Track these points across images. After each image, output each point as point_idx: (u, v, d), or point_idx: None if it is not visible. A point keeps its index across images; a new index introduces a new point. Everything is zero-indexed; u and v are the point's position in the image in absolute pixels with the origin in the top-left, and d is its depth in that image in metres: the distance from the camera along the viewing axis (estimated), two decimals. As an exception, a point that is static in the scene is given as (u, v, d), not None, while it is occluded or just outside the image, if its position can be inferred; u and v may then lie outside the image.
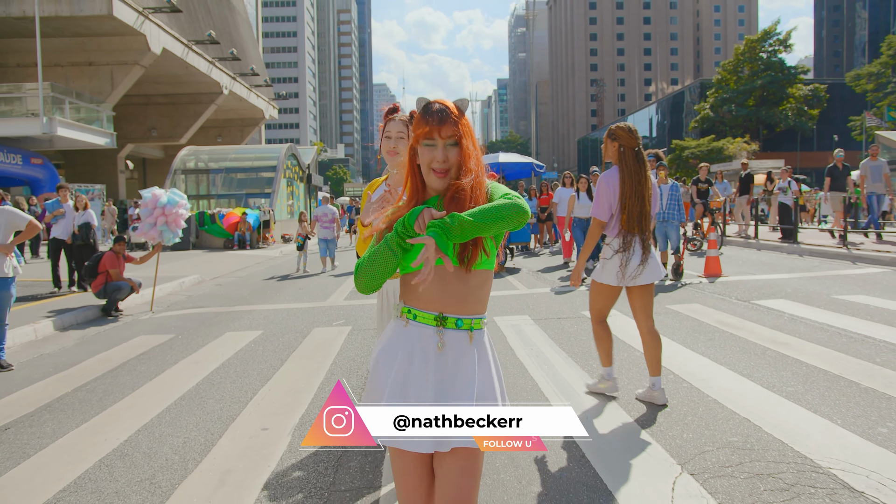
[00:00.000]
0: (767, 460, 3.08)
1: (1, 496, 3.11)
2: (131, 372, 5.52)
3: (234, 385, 4.93)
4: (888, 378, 4.30)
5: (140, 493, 3.07)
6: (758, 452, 3.18)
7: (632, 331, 6.05)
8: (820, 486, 2.79)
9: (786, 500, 2.67)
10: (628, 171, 3.88)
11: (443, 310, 1.75)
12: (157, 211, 9.50)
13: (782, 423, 3.55)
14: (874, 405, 3.81)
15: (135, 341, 6.90)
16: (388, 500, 2.89)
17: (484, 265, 1.77)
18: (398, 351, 1.75)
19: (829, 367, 4.64)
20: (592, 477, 3.01)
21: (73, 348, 6.73)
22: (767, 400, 3.97)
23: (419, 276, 1.55)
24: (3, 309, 5.91)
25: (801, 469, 2.97)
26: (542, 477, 3.04)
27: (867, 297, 7.41)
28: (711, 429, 3.53)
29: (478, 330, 1.78)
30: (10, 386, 5.23)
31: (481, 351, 1.78)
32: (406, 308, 1.79)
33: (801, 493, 2.73)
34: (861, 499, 2.66)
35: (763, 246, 13.85)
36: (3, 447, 3.79)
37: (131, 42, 29.03)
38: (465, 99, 1.79)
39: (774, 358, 4.96)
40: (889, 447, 3.18)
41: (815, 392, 4.09)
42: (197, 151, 29.07)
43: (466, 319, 1.76)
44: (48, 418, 4.31)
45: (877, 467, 2.95)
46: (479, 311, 1.80)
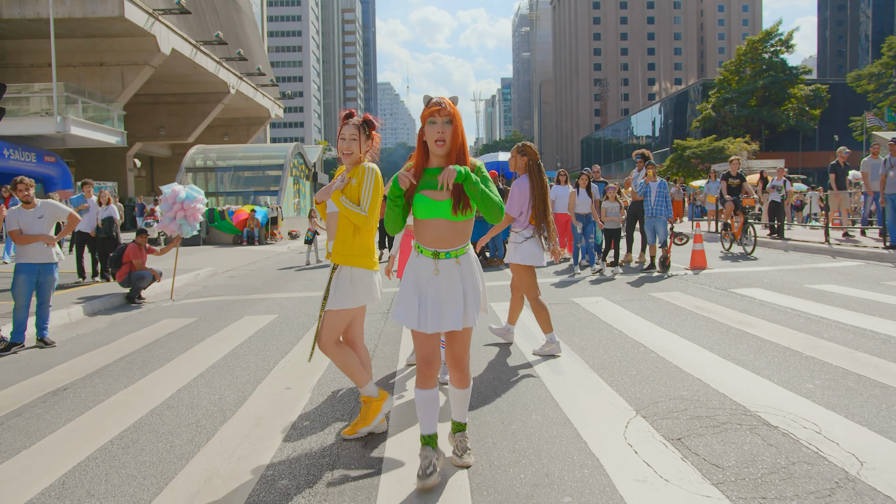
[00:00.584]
0: (708, 407, 3.71)
1: (76, 434, 3.76)
2: (163, 347, 6.17)
3: (257, 357, 5.58)
4: (828, 349, 4.92)
5: (189, 432, 3.72)
6: (701, 402, 3.81)
7: (613, 314, 6.71)
8: (745, 423, 3.42)
9: (716, 433, 3.30)
10: (536, 180, 5.05)
11: (437, 247, 2.80)
12: (176, 205, 10.14)
13: (728, 382, 4.18)
14: (808, 368, 4.43)
15: (161, 324, 7.55)
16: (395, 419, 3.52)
17: (467, 216, 2.79)
18: (411, 271, 2.88)
19: (780, 341, 5.26)
20: (562, 419, 3.64)
21: (105, 329, 7.39)
22: (721, 366, 4.59)
23: (441, 180, 2.62)
24: (48, 291, 6.58)
25: (733, 412, 3.60)
26: (520, 418, 3.68)
27: (834, 286, 8.02)
28: (667, 386, 4.16)
29: (462, 255, 2.83)
30: (57, 358, 5.89)
31: (465, 267, 2.84)
32: (417, 245, 2.86)
33: (728, 428, 3.36)
34: (774, 431, 3.29)
35: (752, 242, 14.44)
36: (67, 402, 4.45)
37: (141, 43, 29.71)
38: (456, 96, 2.81)
39: (735, 335, 5.59)
40: (810, 398, 3.81)
41: (762, 360, 4.71)
42: (205, 150, 29.74)
43: (453, 251, 2.81)
44: (98, 381, 4.96)
45: (795, 411, 3.58)
46: (463, 243, 2.84)
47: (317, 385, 4.60)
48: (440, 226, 2.77)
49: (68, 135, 25.48)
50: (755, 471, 2.84)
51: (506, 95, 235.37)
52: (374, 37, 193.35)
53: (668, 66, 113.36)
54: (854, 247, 11.47)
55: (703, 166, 49.22)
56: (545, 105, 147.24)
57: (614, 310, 7.04)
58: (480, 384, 4.42)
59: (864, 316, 6.13)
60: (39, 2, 26.36)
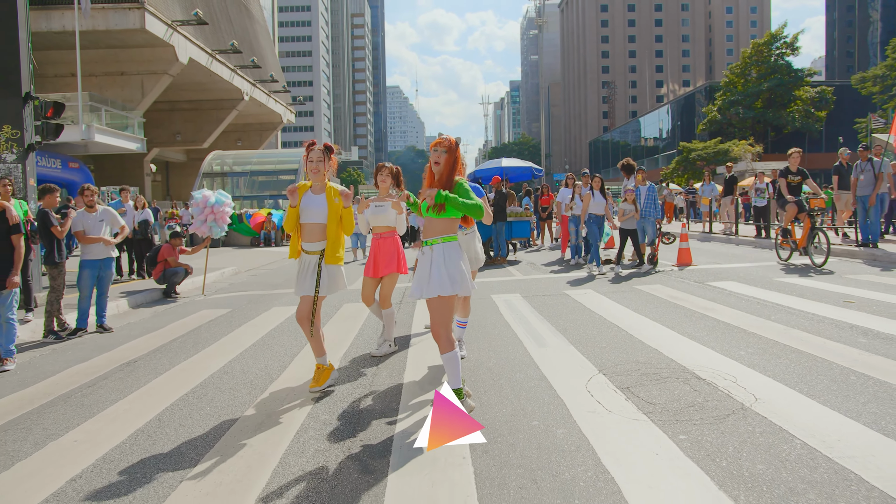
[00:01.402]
0: (656, 367, 4.66)
1: (157, 390, 4.77)
2: (207, 331, 7.19)
3: (290, 338, 6.58)
4: (769, 327, 5.86)
5: (245, 389, 4.72)
6: (652, 365, 4.76)
7: (597, 302, 7.67)
8: (681, 377, 4.37)
9: (656, 383, 4.25)
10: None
11: (428, 238, 3.80)
12: (207, 209, 11.17)
13: (677, 351, 5.13)
14: (748, 341, 5.37)
15: (200, 314, 8.58)
16: (408, 390, 4.49)
17: (449, 214, 3.77)
18: (419, 257, 3.98)
19: (733, 321, 6.20)
20: (540, 376, 4.60)
21: (151, 318, 8.42)
22: (676, 340, 5.54)
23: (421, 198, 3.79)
24: (107, 283, 7.62)
25: (674, 370, 4.55)
26: (506, 376, 4.64)
27: (798, 279, 8.93)
28: (628, 354, 5.12)
29: (447, 242, 3.78)
30: (119, 340, 6.92)
31: (448, 252, 3.79)
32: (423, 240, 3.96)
33: (667, 380, 4.31)
34: (701, 382, 4.24)
35: (741, 241, 15.36)
36: (141, 370, 5.46)
37: (161, 53, 30.92)
38: (459, 137, 3.91)
39: (698, 318, 6.53)
40: (738, 360, 4.76)
41: (713, 336, 5.66)
42: (222, 156, 30.89)
43: (436, 239, 3.80)
44: (160, 356, 5.98)
45: (723, 369, 4.53)
46: (448, 233, 3.82)
47: (342, 358, 5.59)
48: (430, 223, 3.92)
49: (91, 142, 26.67)
50: (677, 405, 3.80)
51: (514, 98, 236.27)
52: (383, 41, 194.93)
53: (676, 68, 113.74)
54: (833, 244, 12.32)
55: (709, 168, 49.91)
56: (554, 107, 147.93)
57: (599, 299, 7.99)
58: (478, 353, 5.38)
59: (812, 303, 7.04)
60: (65, 15, 27.63)
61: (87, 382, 5.12)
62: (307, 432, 3.71)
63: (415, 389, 4.50)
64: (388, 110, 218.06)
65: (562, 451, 3.22)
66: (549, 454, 3.20)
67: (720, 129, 58.34)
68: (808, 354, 4.85)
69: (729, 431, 3.36)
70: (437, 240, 3.84)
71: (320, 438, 3.60)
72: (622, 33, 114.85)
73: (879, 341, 5.16)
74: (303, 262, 4.67)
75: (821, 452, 3.04)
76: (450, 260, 3.81)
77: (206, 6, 36.17)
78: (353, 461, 3.24)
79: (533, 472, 3.01)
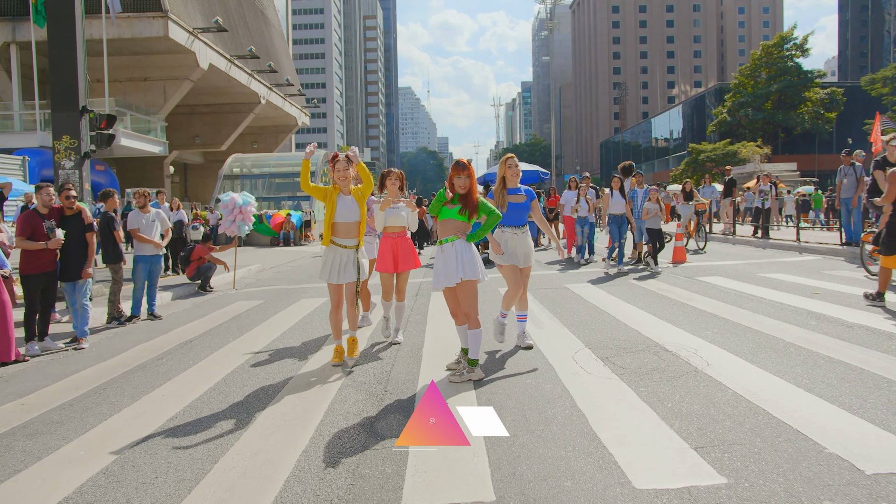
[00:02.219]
0: (633, 343, 5.57)
1: (216, 362, 5.74)
2: (247, 319, 8.16)
3: (323, 322, 7.54)
4: (739, 313, 6.74)
5: (291, 358, 5.67)
6: (631, 341, 5.67)
7: (593, 294, 8.54)
8: (652, 350, 5.28)
9: (631, 354, 5.16)
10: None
11: (446, 236, 4.66)
12: (235, 210, 12.18)
13: (655, 331, 6.03)
14: (715, 323, 6.26)
15: (236, 304, 9.56)
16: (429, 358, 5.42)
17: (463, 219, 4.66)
18: (438, 254, 4.71)
19: (708, 308, 7.09)
20: (535, 350, 5.52)
21: (193, 309, 9.42)
22: (654, 323, 6.44)
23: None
24: (156, 276, 8.63)
25: (648, 346, 5.45)
26: (510, 351, 5.56)
27: (781, 275, 9.78)
28: (612, 334, 6.02)
29: (458, 240, 4.63)
30: (170, 325, 7.91)
31: (466, 247, 4.65)
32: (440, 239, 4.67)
33: (640, 352, 5.22)
34: (668, 353, 5.15)
35: (738, 241, 16.19)
36: (198, 348, 6.44)
37: (182, 59, 32.09)
38: (471, 159, 4.92)
39: (678, 306, 7.42)
40: (703, 338, 5.65)
41: (688, 320, 6.54)
42: (241, 159, 32.00)
43: (454, 237, 4.63)
44: (211, 338, 6.95)
45: (688, 344, 5.42)
46: (461, 233, 4.65)
47: (369, 337, 6.54)
48: (453, 225, 4.77)
49: (117, 145, 27.84)
50: (644, 369, 4.71)
51: (526, 99, 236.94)
52: (395, 42, 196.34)
53: (687, 69, 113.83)
54: (819, 244, 13.17)
55: (718, 170, 50.43)
56: (565, 108, 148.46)
57: (595, 292, 8.89)
58: (486, 335, 6.30)
59: (782, 293, 7.91)
60: (93, 24, 28.79)
61: (156, 357, 6.10)
62: (347, 388, 4.65)
63: (431, 360, 5.42)
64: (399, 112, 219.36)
65: (547, 399, 4.14)
66: (537, 401, 4.12)
67: (730, 130, 58.77)
68: (762, 333, 5.74)
69: (680, 386, 4.27)
70: (454, 237, 4.70)
71: (358, 392, 4.53)
72: (633, 34, 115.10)
73: (827, 323, 6.04)
74: (336, 254, 5.46)
75: (745, 398, 3.95)
76: (468, 252, 4.68)
77: (225, 13, 37.34)
78: (385, 405, 4.17)
79: (524, 412, 3.93)
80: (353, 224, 5.47)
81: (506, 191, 5.54)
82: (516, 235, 5.57)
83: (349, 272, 5.42)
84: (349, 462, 3.30)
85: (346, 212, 5.43)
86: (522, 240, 5.58)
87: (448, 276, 4.65)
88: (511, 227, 5.56)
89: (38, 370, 5.81)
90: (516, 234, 5.57)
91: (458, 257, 4.63)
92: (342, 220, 5.46)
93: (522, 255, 5.59)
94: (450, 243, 4.70)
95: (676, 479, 2.93)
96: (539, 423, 3.71)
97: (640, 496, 2.80)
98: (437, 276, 4.72)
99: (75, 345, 6.73)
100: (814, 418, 3.58)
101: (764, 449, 3.21)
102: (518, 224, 5.58)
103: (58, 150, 9.30)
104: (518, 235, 5.58)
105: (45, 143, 26.01)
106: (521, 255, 5.57)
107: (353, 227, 5.48)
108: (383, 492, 2.95)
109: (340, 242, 5.48)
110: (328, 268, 5.45)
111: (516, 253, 5.56)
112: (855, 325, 5.91)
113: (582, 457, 3.22)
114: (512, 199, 5.52)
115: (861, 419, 3.55)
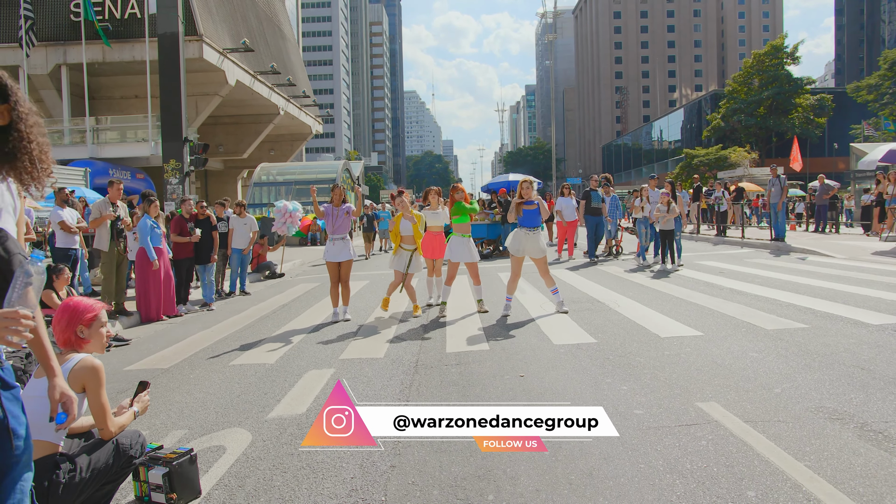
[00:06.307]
0: (585, 303, 8.60)
1: (310, 316, 8.81)
2: (313, 295, 11.21)
3: (372, 294, 10.57)
4: (680, 291, 9.70)
5: (362, 315, 8.72)
6: (583, 302, 8.69)
7: (568, 278, 11.56)
8: (592, 304, 8.31)
9: (579, 305, 8.18)
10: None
11: (460, 232, 8.00)
12: (286, 214, 15.29)
13: (599, 295, 9.04)
14: (672, 304, 9.19)
15: (299, 286, 12.63)
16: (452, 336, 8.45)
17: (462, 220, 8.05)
18: (455, 241, 7.90)
19: (643, 283, 10.11)
20: (519, 306, 8.54)
21: (268, 289, 12.49)
22: (602, 291, 9.45)
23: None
24: (247, 264, 11.72)
25: (592, 303, 8.48)
26: (500, 301, 8.60)
27: (713, 262, 12.78)
28: (574, 297, 9.04)
29: (467, 236, 7.92)
30: (261, 298, 10.98)
31: (469, 241, 7.97)
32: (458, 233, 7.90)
33: (585, 305, 8.26)
34: (600, 304, 8.19)
35: (699, 238, 19.22)
36: (292, 309, 9.50)
37: (213, 77, 35.27)
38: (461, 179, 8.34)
39: (624, 282, 10.43)
40: (629, 297, 8.67)
41: (626, 289, 9.54)
42: (268, 168, 35.20)
43: (466, 234, 7.99)
44: (299, 303, 10.01)
45: (615, 300, 8.45)
46: (468, 231, 7.97)
47: (403, 309, 9.61)
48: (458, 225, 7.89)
49: (155, 156, 31.07)
50: (583, 312, 7.74)
51: (530, 102, 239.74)
52: (400, 47, 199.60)
53: (688, 73, 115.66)
54: (757, 240, 16.18)
55: (711, 174, 53.16)
56: (569, 112, 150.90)
57: (571, 275, 11.92)
58: (491, 305, 9.32)
59: (698, 272, 10.91)
60: (135, 47, 32.11)
61: (267, 314, 9.16)
62: (402, 330, 7.70)
63: (453, 313, 8.45)
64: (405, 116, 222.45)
65: (520, 329, 7.18)
66: (513, 329, 7.16)
67: (724, 135, 61.36)
68: (662, 293, 8.79)
69: (597, 315, 7.35)
70: (466, 234, 7.80)
71: (410, 336, 7.57)
72: (635, 39, 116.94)
73: (706, 286, 9.07)
74: (400, 253, 8.56)
75: (647, 329, 6.90)
76: (471, 244, 7.80)
77: (248, 32, 40.54)
78: (429, 332, 7.22)
79: (506, 336, 6.97)
80: (410, 237, 8.49)
81: (522, 201, 7.78)
82: (529, 235, 7.66)
83: (402, 264, 8.50)
84: (413, 345, 6.36)
85: (406, 228, 8.47)
86: (534, 238, 7.68)
87: (462, 256, 7.83)
88: (525, 227, 7.76)
89: (198, 320, 8.89)
90: (529, 234, 7.66)
91: (465, 246, 7.79)
92: (405, 234, 8.48)
93: (532, 248, 7.72)
94: (463, 237, 7.82)
95: (574, 339, 6.04)
96: (510, 338, 6.76)
97: (556, 348, 5.86)
98: (454, 255, 7.84)
99: (206, 308, 9.81)
100: (655, 321, 6.66)
101: (623, 332, 6.28)
102: (531, 225, 7.73)
103: (166, 171, 12.43)
104: (530, 235, 7.66)
105: (94, 155, 29.36)
106: (531, 249, 7.70)
107: (411, 239, 8.49)
108: (436, 348, 6.02)
109: (404, 246, 8.51)
110: (391, 259, 8.59)
111: (527, 247, 7.70)
112: (725, 288, 8.95)
113: (532, 337, 6.29)
114: (526, 207, 7.85)
115: (675, 321, 6.64)
